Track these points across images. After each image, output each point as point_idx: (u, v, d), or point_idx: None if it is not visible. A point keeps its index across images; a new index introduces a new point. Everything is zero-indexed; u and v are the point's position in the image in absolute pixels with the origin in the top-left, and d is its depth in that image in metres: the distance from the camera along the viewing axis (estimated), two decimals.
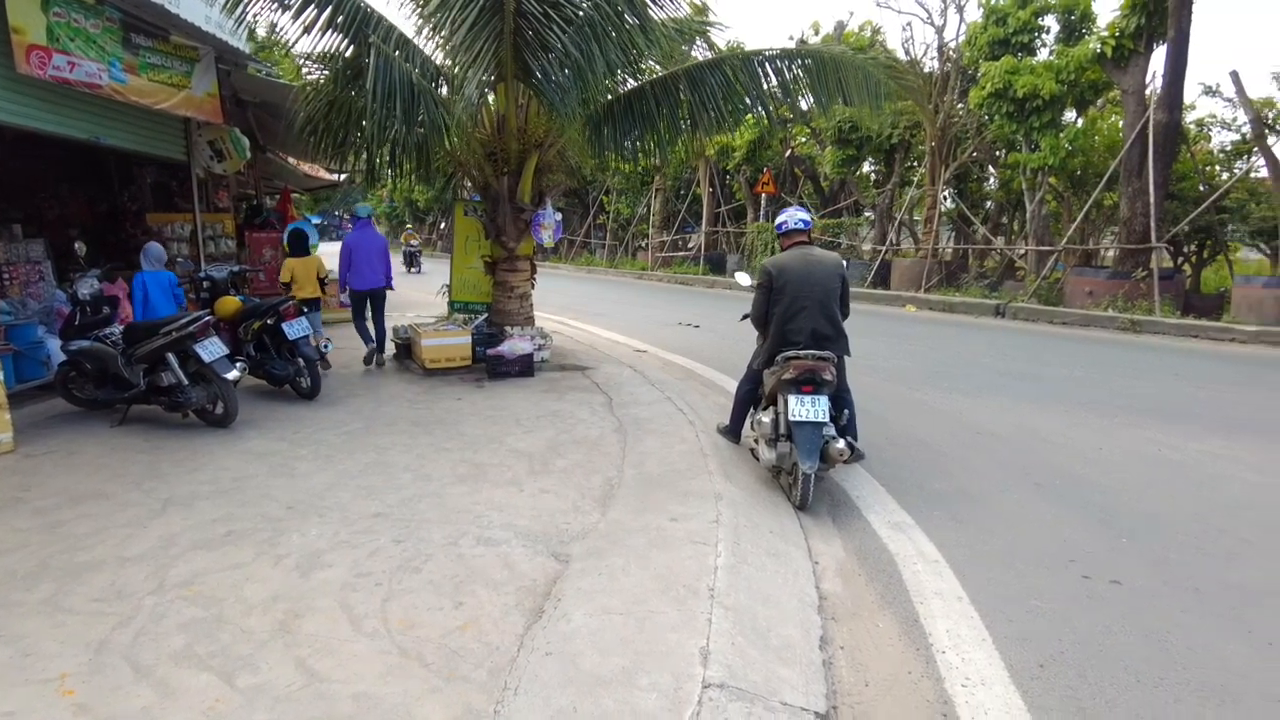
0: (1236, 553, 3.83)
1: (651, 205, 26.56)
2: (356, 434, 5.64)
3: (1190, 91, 14.80)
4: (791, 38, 21.48)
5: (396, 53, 7.14)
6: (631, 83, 8.48)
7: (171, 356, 5.80)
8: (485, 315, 8.61)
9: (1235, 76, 12.84)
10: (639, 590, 3.16)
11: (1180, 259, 15.44)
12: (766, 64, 8.27)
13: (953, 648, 2.93)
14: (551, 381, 7.41)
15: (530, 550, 3.60)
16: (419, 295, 14.91)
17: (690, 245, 25.55)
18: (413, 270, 26.23)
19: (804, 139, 22.63)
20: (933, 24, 18.40)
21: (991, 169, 17.97)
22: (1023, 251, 16.09)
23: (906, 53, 17.85)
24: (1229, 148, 15.35)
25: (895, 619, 3.17)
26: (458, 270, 9.10)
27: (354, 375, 7.89)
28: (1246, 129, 13.69)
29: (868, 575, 3.56)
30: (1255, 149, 12.79)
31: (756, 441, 4.67)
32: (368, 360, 8.42)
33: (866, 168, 21.95)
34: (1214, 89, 14.90)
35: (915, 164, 18.80)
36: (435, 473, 4.72)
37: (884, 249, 18.01)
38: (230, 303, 7.15)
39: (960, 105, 16.73)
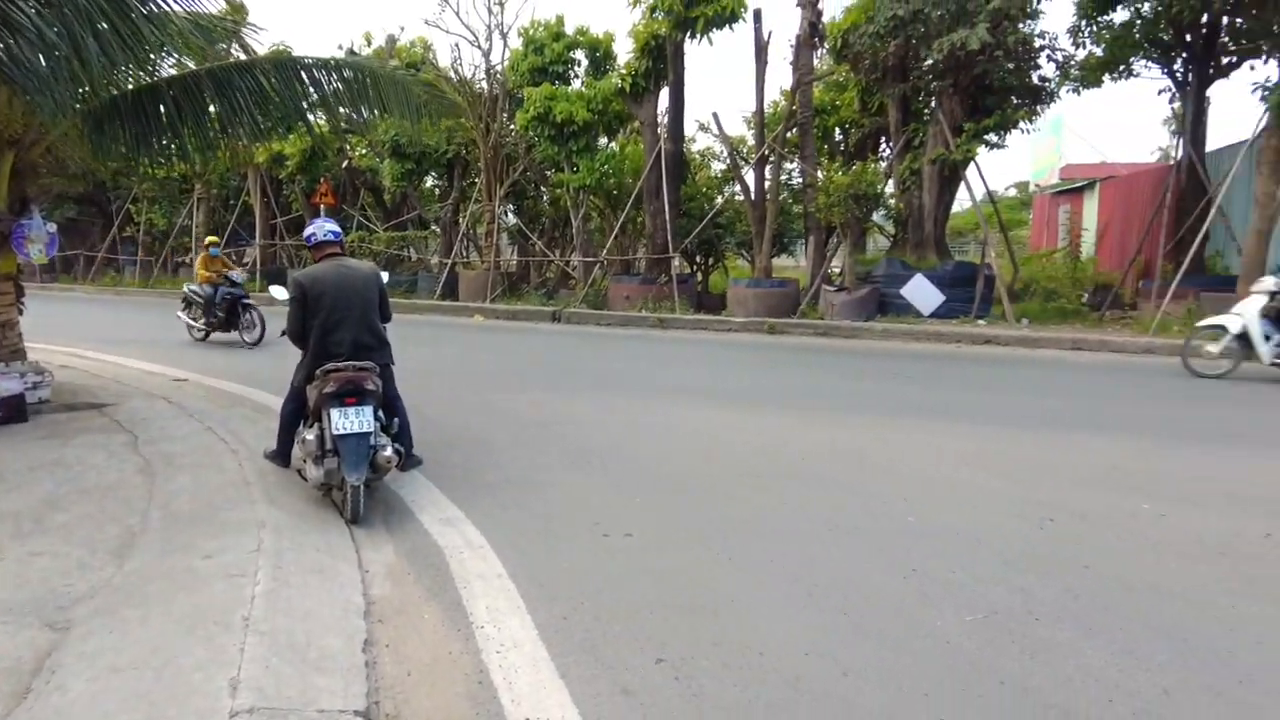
0: (727, 498, 4.78)
1: (195, 216, 23.65)
2: None
3: (690, 127, 17.86)
4: (341, 47, 20.84)
5: None
6: (145, 78, 7.48)
7: None
8: None
9: (715, 117, 15.94)
10: (160, 639, 2.87)
11: (694, 266, 18.53)
12: (304, 72, 7.94)
13: (490, 621, 3.21)
14: (54, 425, 6.22)
15: (14, 626, 3.03)
16: None
17: (245, 260, 23.33)
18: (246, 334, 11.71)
19: (363, 150, 22.16)
20: (479, 47, 19.38)
21: (543, 187, 19.54)
22: (574, 263, 17.83)
23: (456, 72, 18.53)
24: (720, 174, 18.87)
25: (440, 607, 3.36)
26: None
27: None
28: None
29: (417, 572, 3.70)
30: (734, 177, 15.92)
31: (305, 461, 4.52)
32: None
33: (430, 182, 22.29)
34: (706, 126, 18.17)
35: (475, 180, 19.64)
36: None
37: (449, 261, 18.50)
38: None
39: (511, 126, 17.92)
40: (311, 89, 7.94)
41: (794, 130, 15.10)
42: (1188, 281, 12.03)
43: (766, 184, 14.97)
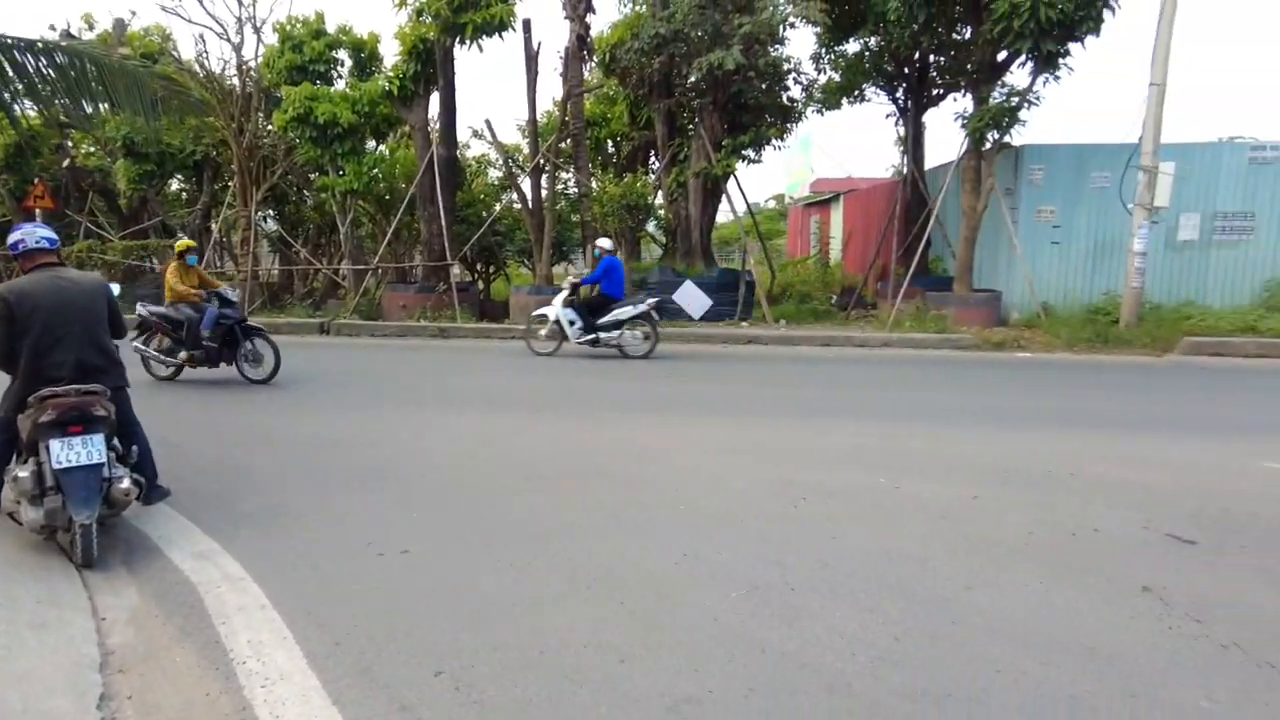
0: (510, 502, 4.78)
1: None
2: None
3: (465, 133, 17.62)
4: (54, 28, 18.24)
5: None
6: None
7: None
8: None
9: (489, 124, 15.85)
10: None
11: (475, 274, 18.28)
12: (2, 54, 6.89)
13: (254, 655, 2.99)
14: None
15: None
16: None
17: None
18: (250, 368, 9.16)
19: (91, 148, 19.55)
20: (229, 40, 17.78)
21: (306, 191, 18.34)
22: (344, 271, 16.91)
23: (203, 66, 16.91)
24: (497, 182, 18.77)
25: (195, 648, 3.07)
26: None
27: None
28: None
29: (166, 613, 3.35)
30: (511, 185, 15.92)
31: (18, 502, 3.93)
32: None
33: (175, 185, 20.15)
34: (480, 132, 17.99)
35: (229, 183, 18.02)
36: None
37: None
38: None
39: (268, 126, 16.65)
40: (13, 74, 6.91)
41: (568, 141, 15.38)
42: (916, 282, 13.74)
43: (543, 193, 15.12)
